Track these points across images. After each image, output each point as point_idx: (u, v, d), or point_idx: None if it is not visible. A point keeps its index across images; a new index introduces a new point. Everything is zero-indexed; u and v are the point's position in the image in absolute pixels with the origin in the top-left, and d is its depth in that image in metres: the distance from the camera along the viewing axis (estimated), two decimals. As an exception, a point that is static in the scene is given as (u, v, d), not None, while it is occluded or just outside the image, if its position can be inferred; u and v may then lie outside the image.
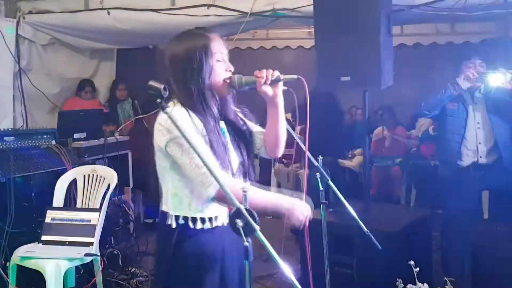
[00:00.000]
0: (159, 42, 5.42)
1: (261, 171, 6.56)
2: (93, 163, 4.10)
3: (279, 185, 6.66)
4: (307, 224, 1.83)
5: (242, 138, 1.99)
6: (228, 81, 1.87)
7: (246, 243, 1.54)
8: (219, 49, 1.87)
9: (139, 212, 5.59)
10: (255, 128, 2.08)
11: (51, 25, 4.85)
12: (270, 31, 7.65)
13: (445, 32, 6.78)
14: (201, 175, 1.73)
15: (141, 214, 5.68)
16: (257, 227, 1.51)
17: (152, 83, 1.67)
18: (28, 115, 4.93)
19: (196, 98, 1.82)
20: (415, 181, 6.30)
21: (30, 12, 4.81)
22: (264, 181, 4.26)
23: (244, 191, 1.60)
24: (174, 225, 1.86)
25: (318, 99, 2.47)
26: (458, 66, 3.64)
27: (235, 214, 1.54)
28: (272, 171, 6.58)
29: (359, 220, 2.34)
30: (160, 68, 1.91)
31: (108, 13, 4.49)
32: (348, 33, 3.34)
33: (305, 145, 2.05)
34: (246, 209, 1.54)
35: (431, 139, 6.05)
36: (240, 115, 2.05)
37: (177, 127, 1.64)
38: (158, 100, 1.65)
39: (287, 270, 1.54)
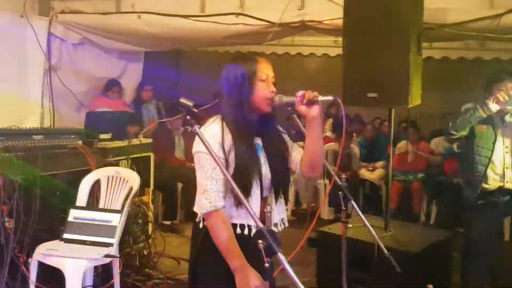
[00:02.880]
0: (187, 46, 5.49)
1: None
2: (117, 164, 4.16)
3: (297, 194, 6.67)
4: None
5: (277, 155, 2.09)
6: (269, 100, 2.00)
7: (266, 264, 1.57)
8: (265, 71, 2.02)
9: (157, 213, 5.65)
10: (296, 149, 2.17)
11: (82, 25, 4.95)
12: (296, 38, 7.67)
13: (473, 48, 6.70)
14: (200, 194, 1.95)
15: (160, 215, 5.75)
16: (278, 251, 1.55)
17: (183, 100, 1.74)
18: (55, 112, 5.03)
19: (236, 114, 1.97)
20: (436, 198, 6.25)
21: (62, 12, 4.93)
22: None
23: (268, 212, 1.63)
24: (201, 225, 2.02)
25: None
26: (485, 82, 3.59)
27: (258, 235, 1.57)
28: (291, 179, 6.57)
29: (380, 243, 2.35)
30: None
31: (139, 16, 4.56)
32: (377, 50, 3.35)
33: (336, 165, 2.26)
34: (269, 230, 1.57)
35: (455, 156, 5.99)
36: (284, 135, 2.16)
37: (204, 144, 1.77)
38: (188, 117, 1.75)
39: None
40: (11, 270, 3.26)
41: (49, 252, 3.23)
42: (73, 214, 3.46)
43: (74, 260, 3.16)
